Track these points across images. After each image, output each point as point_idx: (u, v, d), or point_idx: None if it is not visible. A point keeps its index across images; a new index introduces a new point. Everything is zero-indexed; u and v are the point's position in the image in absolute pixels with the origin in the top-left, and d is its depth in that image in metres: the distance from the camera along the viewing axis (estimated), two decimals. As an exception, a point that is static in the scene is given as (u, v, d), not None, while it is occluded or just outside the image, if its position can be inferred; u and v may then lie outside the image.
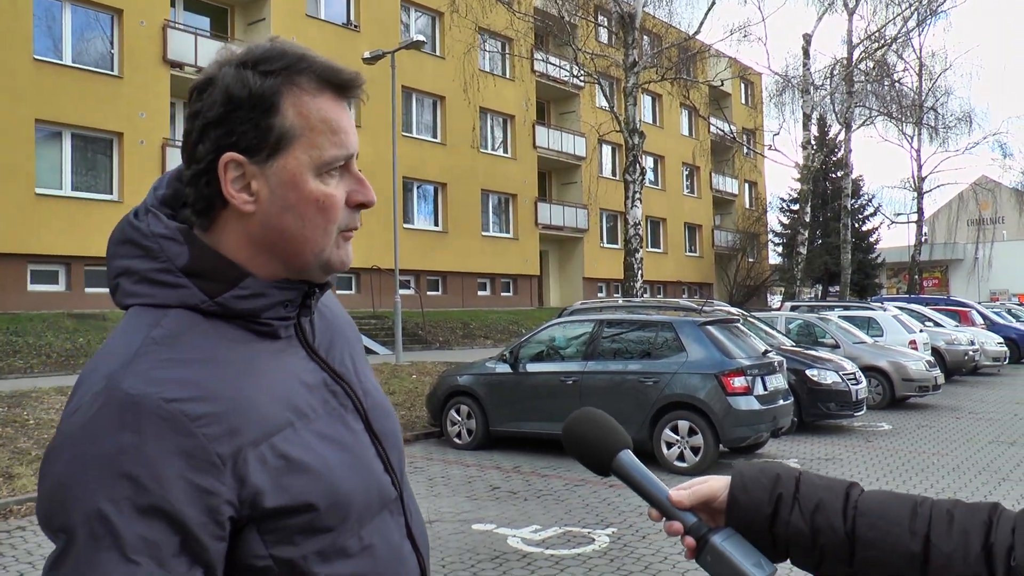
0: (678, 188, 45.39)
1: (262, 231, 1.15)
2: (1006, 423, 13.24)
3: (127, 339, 1.09)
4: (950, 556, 1.07)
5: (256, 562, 1.08)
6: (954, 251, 59.99)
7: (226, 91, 1.11)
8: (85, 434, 1.02)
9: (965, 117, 37.90)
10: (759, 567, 1.13)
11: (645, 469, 1.23)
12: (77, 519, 0.99)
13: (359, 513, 1.16)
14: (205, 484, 1.02)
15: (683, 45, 24.21)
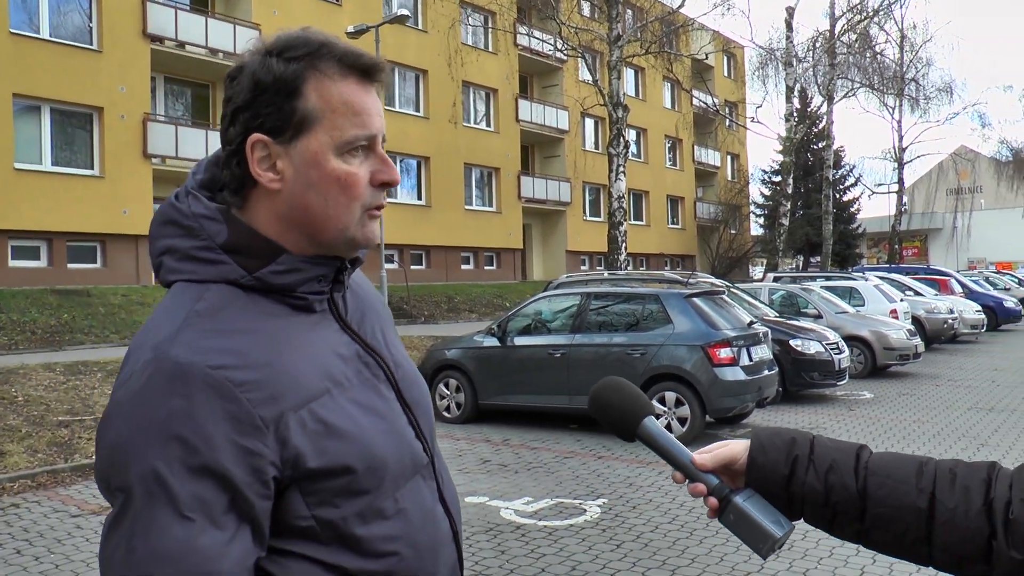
0: (660, 161, 45.46)
1: (288, 208, 1.21)
2: (984, 390, 13.47)
3: (173, 312, 1.16)
4: (954, 511, 1.15)
5: (300, 522, 1.15)
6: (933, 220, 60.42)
7: (253, 77, 1.19)
8: (138, 400, 1.09)
9: (946, 88, 38.21)
10: (778, 524, 1.21)
11: (669, 434, 1.31)
12: (134, 479, 1.06)
13: (394, 477, 1.22)
14: (250, 446, 1.09)
15: (667, 19, 24.19)
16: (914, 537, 1.18)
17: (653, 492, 7.44)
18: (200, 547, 1.05)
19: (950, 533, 1.15)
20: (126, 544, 1.06)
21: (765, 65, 32.33)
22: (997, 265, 51.62)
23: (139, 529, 1.05)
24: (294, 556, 1.15)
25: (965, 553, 1.15)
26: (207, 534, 1.06)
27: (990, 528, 1.13)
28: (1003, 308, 26.88)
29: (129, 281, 22.39)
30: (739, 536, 1.24)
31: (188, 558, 1.04)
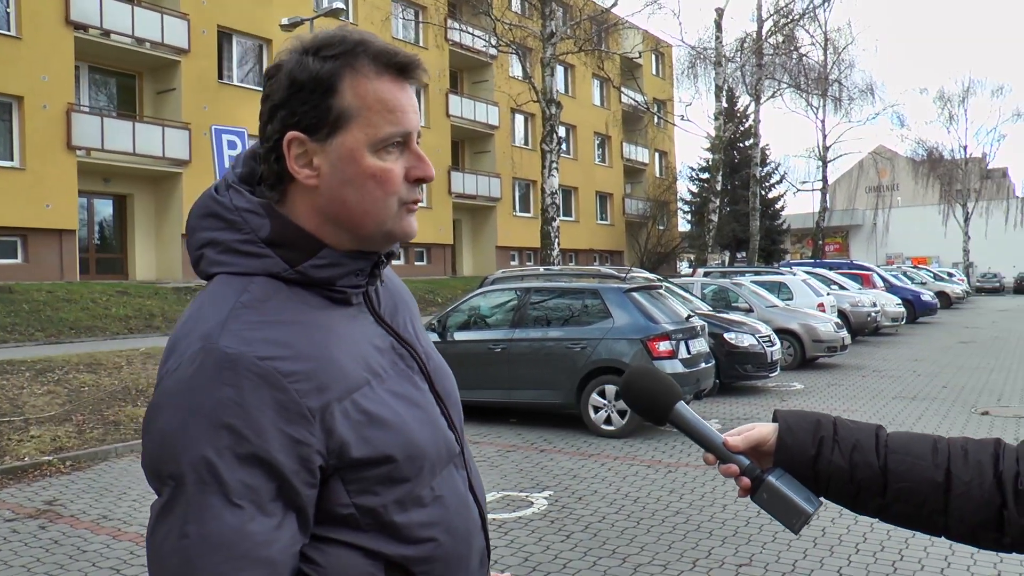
0: (590, 157, 45.89)
1: (327, 203, 1.23)
2: (907, 380, 13.96)
3: (218, 304, 1.17)
4: (969, 484, 1.23)
5: (341, 510, 1.16)
6: (854, 217, 62.26)
7: (289, 75, 1.20)
8: (187, 390, 1.09)
9: (867, 89, 39.36)
10: (809, 501, 1.28)
11: (700, 418, 1.36)
12: (185, 467, 1.07)
13: (431, 465, 1.25)
14: (298, 435, 1.10)
15: (599, 17, 24.41)
16: (932, 509, 1.25)
17: (598, 483, 7.54)
18: (250, 533, 1.07)
19: (965, 504, 1.23)
20: (178, 530, 1.07)
21: (694, 65, 32.85)
22: (913, 260, 53.36)
23: (191, 516, 1.06)
24: (335, 543, 1.17)
25: (979, 522, 1.23)
26: (256, 521, 1.07)
27: (1001, 499, 1.22)
28: (921, 301, 27.92)
29: (53, 277, 21.73)
30: (772, 513, 1.30)
31: (239, 544, 1.06)
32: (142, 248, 25.68)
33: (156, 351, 13.03)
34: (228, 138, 10.91)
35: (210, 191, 1.27)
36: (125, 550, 5.74)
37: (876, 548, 5.65)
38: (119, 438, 8.99)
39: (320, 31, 1.25)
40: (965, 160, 54.32)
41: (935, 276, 38.83)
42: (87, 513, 6.65)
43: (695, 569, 5.33)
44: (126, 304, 18.98)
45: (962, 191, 54.05)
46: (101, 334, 16.78)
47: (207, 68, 26.07)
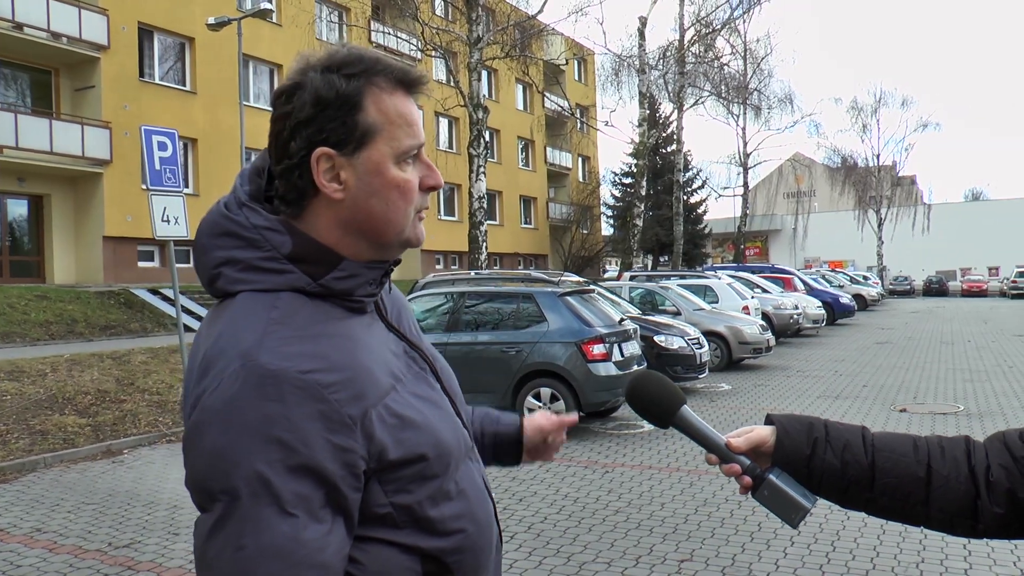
0: (514, 162, 46.13)
1: (351, 215, 1.28)
2: (829, 380, 14.43)
3: (249, 322, 1.21)
4: (947, 477, 1.36)
5: (379, 510, 1.22)
6: (773, 222, 63.78)
7: (316, 93, 1.25)
8: (233, 407, 1.14)
9: (785, 99, 40.41)
10: (806, 497, 1.39)
11: (703, 421, 1.46)
12: (238, 482, 1.11)
13: (455, 461, 1.32)
14: (342, 443, 1.16)
15: (524, 24, 24.58)
16: (915, 501, 1.38)
17: (536, 484, 7.64)
18: (305, 540, 1.12)
19: (945, 496, 1.36)
20: (235, 543, 1.11)
21: (618, 72, 33.30)
22: (830, 264, 55.06)
23: (248, 528, 1.11)
24: (374, 541, 1.23)
25: (956, 511, 1.36)
26: (309, 528, 1.13)
27: (975, 490, 1.35)
28: (839, 304, 28.84)
29: (-37, 281, 20.94)
30: (772, 509, 1.40)
31: (296, 552, 1.11)
32: (61, 251, 24.88)
33: (82, 358, 12.69)
34: (158, 139, 10.68)
35: (220, 209, 1.30)
36: (64, 563, 5.60)
37: (810, 540, 5.86)
38: (47, 448, 8.75)
39: (331, 50, 1.29)
40: (878, 168, 56.20)
41: (851, 279, 40.12)
42: (18, 527, 6.46)
43: (638, 565, 5.46)
44: (46, 309, 18.39)
45: (875, 197, 55.89)
46: (20, 340, 16.24)
47: (128, 66, 25.42)
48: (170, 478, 7.94)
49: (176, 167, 10.85)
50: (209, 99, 27.68)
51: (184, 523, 6.47)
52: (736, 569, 5.37)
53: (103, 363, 12.44)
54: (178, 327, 11.23)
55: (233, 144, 26.34)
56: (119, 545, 5.98)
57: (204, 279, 1.31)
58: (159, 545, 5.96)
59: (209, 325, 1.27)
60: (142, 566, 5.54)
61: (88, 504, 7.09)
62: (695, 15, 33.18)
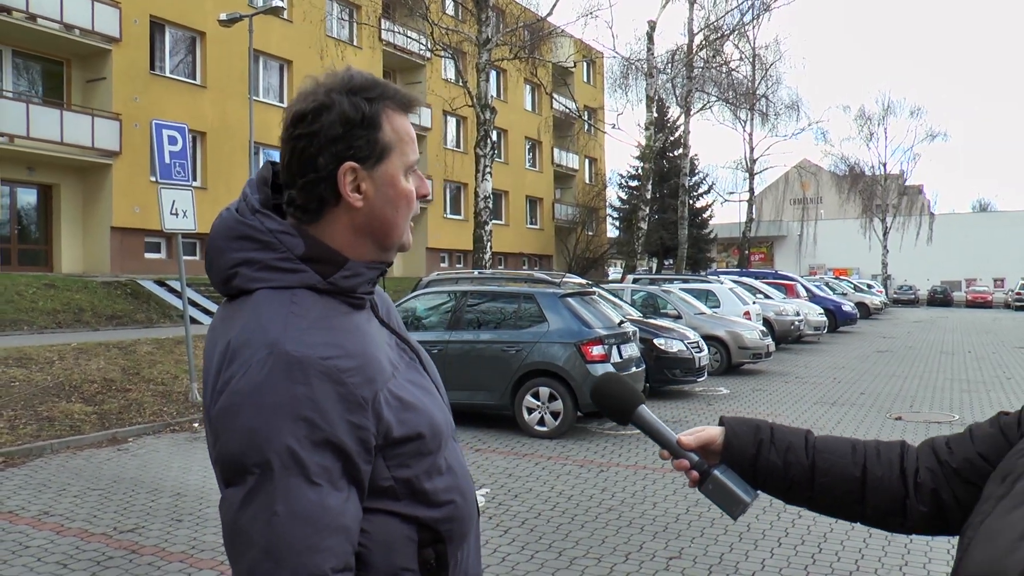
0: (520, 162, 46.22)
1: (366, 221, 1.45)
2: (828, 386, 14.55)
3: (272, 314, 1.36)
4: (880, 478, 1.49)
5: (383, 483, 1.38)
6: (778, 228, 63.88)
7: (344, 114, 1.41)
8: (263, 390, 1.29)
9: (793, 105, 40.53)
10: (747, 492, 1.52)
11: (658, 419, 1.60)
12: (271, 455, 1.27)
13: (444, 440, 1.49)
14: (358, 421, 1.32)
15: (534, 26, 24.70)
16: (851, 499, 1.51)
17: (532, 481, 7.78)
18: (328, 507, 1.28)
19: (878, 495, 1.49)
20: (268, 510, 1.27)
21: (626, 75, 33.41)
22: (835, 271, 55.09)
23: (279, 497, 1.26)
24: (378, 512, 1.38)
25: (888, 509, 1.49)
26: (332, 496, 1.29)
27: (905, 491, 1.48)
28: (842, 311, 28.92)
29: (-29, 267, 21.14)
30: (715, 502, 1.55)
31: (321, 517, 1.27)
32: (68, 240, 25.08)
33: (88, 347, 12.86)
34: (168, 133, 10.84)
35: (233, 215, 1.45)
36: (70, 545, 5.77)
37: (797, 542, 6.00)
38: (54, 434, 8.92)
39: (347, 74, 1.45)
40: (884, 176, 56.25)
41: (855, 287, 40.19)
42: (26, 509, 6.63)
43: (628, 562, 5.60)
44: (54, 298, 18.58)
45: (881, 206, 55.95)
46: (28, 328, 16.43)
47: (139, 58, 25.60)
48: (173, 466, 8.10)
49: (186, 161, 11.01)
50: (219, 93, 27.86)
51: (186, 510, 6.64)
52: (723, 567, 5.51)
53: (109, 352, 12.61)
54: (184, 319, 11.39)
55: (242, 138, 26.51)
56: (124, 530, 6.15)
57: (219, 278, 1.45)
58: (162, 531, 6.12)
59: (227, 319, 1.42)
60: (146, 550, 5.71)
61: (94, 489, 7.26)
62: (704, 20, 33.29)
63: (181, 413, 10.34)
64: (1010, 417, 1.41)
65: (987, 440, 1.42)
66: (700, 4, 33.22)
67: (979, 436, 1.44)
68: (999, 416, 1.44)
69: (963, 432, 1.48)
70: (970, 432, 1.46)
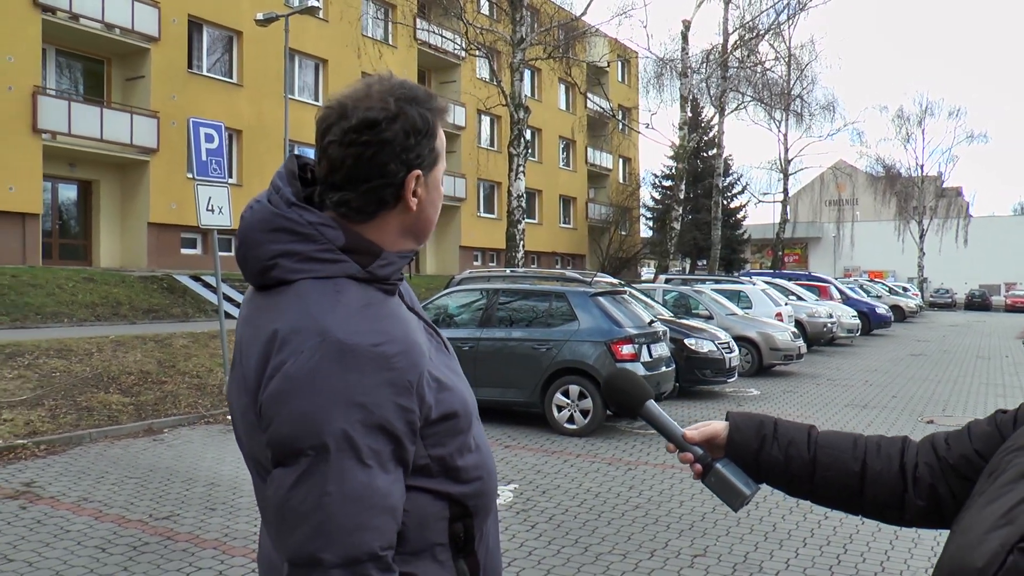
0: (554, 161, 46.24)
1: (415, 221, 1.55)
2: (859, 389, 14.46)
3: (320, 303, 1.42)
4: (880, 472, 1.54)
5: (420, 461, 1.45)
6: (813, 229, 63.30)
7: (415, 125, 1.49)
8: (316, 376, 1.36)
9: (828, 106, 40.23)
10: (748, 485, 1.59)
11: (665, 414, 1.67)
12: (328, 438, 1.34)
13: (472, 419, 1.57)
14: (406, 404, 1.39)
15: (568, 25, 24.73)
16: (851, 493, 1.56)
17: (560, 478, 7.84)
18: (377, 487, 1.36)
19: (876, 489, 1.54)
20: (319, 490, 1.34)
21: (660, 74, 33.32)
22: (870, 274, 54.49)
23: (332, 477, 1.33)
24: (414, 489, 1.45)
25: (886, 503, 1.54)
26: (380, 477, 1.36)
27: (903, 485, 1.52)
28: (876, 314, 28.64)
29: (14, 260, 21.55)
30: (718, 494, 1.61)
31: (370, 497, 1.35)
32: (107, 235, 25.52)
33: (126, 339, 13.10)
34: (205, 131, 11.02)
35: (267, 207, 1.50)
36: (108, 531, 5.93)
37: (823, 542, 6.01)
38: (93, 424, 9.13)
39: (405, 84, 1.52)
40: (921, 178, 55.59)
41: (890, 290, 39.78)
42: (66, 495, 6.81)
43: (653, 558, 5.65)
44: (92, 291, 18.92)
45: (918, 208, 55.29)
46: (68, 320, 16.76)
47: (177, 57, 25.98)
48: (207, 457, 8.26)
49: (222, 158, 11.18)
50: (255, 92, 28.17)
51: (219, 499, 6.77)
52: (748, 566, 5.54)
53: (146, 345, 12.84)
54: (219, 313, 11.57)
55: (277, 136, 26.80)
56: (159, 517, 6.30)
57: (254, 269, 1.50)
58: (196, 519, 6.26)
59: (265, 308, 1.47)
60: (180, 537, 5.85)
61: (130, 478, 7.43)
62: (739, 19, 33.12)
63: (215, 405, 10.51)
64: (1007, 415, 1.45)
65: (984, 437, 1.46)
66: (735, 3, 33.08)
67: (976, 433, 1.48)
68: (996, 413, 1.47)
69: (962, 428, 1.51)
70: (968, 429, 1.50)
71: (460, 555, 1.52)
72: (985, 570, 1.10)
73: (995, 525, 1.15)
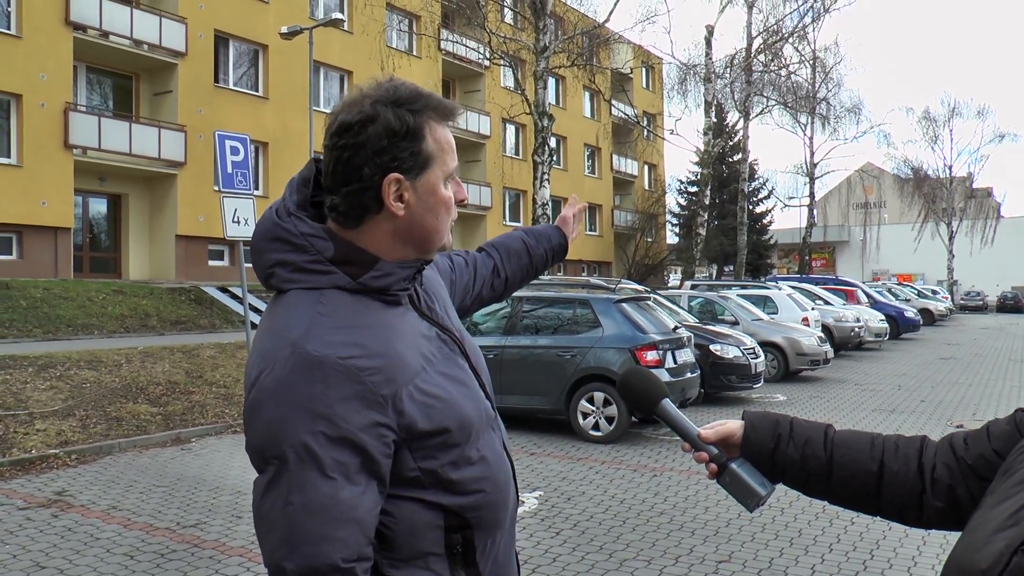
0: (580, 169, 46.21)
1: (407, 227, 1.51)
2: (887, 394, 14.32)
3: (299, 315, 1.44)
4: (897, 473, 1.52)
5: (409, 473, 1.45)
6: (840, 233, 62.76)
7: (388, 126, 1.46)
8: (284, 387, 1.37)
9: (854, 108, 39.82)
10: (763, 485, 1.56)
11: (681, 412, 1.67)
12: (287, 449, 1.36)
13: (476, 431, 1.54)
14: (376, 418, 1.39)
15: (592, 32, 24.75)
16: (868, 493, 1.54)
17: (585, 485, 7.83)
18: (341, 499, 1.36)
19: (894, 489, 1.52)
20: (283, 500, 1.36)
21: (684, 80, 33.24)
22: (898, 277, 54.03)
23: (294, 487, 1.35)
24: (405, 499, 1.46)
25: (904, 504, 1.52)
26: (346, 489, 1.36)
27: (921, 485, 1.50)
28: (904, 318, 28.32)
29: (47, 274, 21.89)
30: (732, 494, 1.60)
31: (333, 508, 1.35)
32: (136, 248, 25.86)
33: (154, 351, 13.26)
34: (231, 144, 11.17)
35: (272, 217, 1.52)
36: (136, 538, 6.01)
37: (849, 548, 5.97)
38: (122, 434, 9.26)
39: (389, 85, 1.52)
40: (950, 179, 55.00)
41: (919, 293, 39.35)
42: (96, 504, 6.91)
43: (677, 564, 5.63)
44: (122, 303, 19.16)
45: (947, 210, 54.70)
46: (98, 332, 16.98)
47: (203, 72, 26.29)
48: (234, 466, 8.34)
49: (247, 171, 11.31)
50: (280, 104, 28.43)
51: (246, 507, 6.84)
52: (773, 571, 5.51)
53: (174, 356, 12.98)
54: (245, 324, 11.69)
55: (302, 148, 27.02)
56: (186, 525, 6.37)
57: (260, 277, 1.54)
58: (223, 527, 6.33)
59: (266, 316, 1.51)
60: (207, 544, 5.92)
61: (159, 487, 7.52)
62: (763, 23, 32.99)
63: (242, 415, 10.59)
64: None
65: (1003, 437, 1.43)
66: (759, 7, 32.94)
67: (996, 433, 1.45)
68: (1016, 412, 1.43)
69: (981, 428, 1.48)
70: (987, 429, 1.47)
71: (460, 566, 1.51)
72: (989, 571, 1.09)
73: (1002, 525, 1.14)
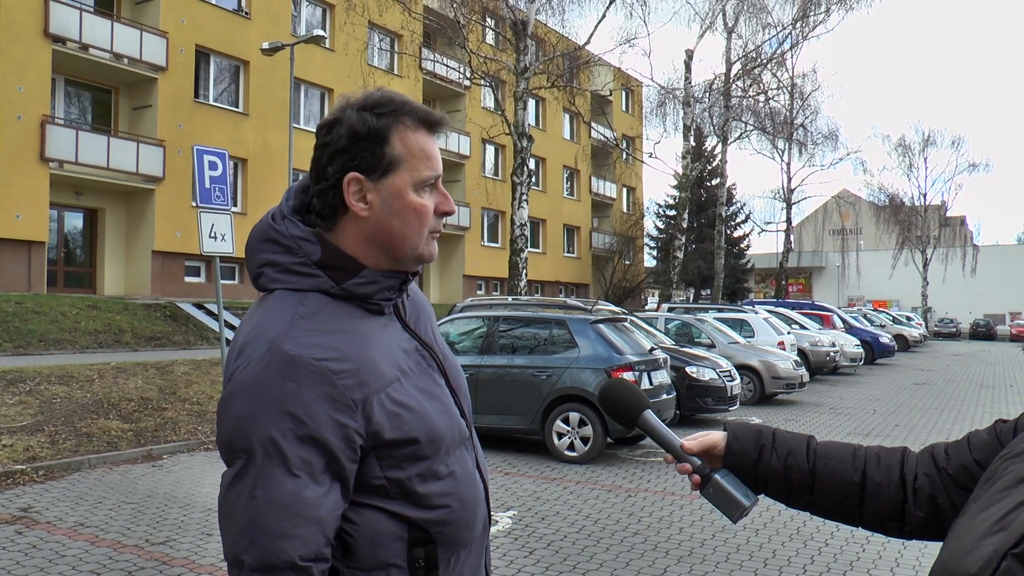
0: (559, 190, 46.36)
1: (373, 231, 1.52)
2: (862, 418, 14.40)
3: (280, 314, 1.45)
4: (879, 483, 1.52)
5: (375, 481, 1.45)
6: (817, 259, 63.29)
7: (351, 128, 1.49)
8: (257, 383, 1.38)
9: (831, 135, 40.32)
10: (747, 496, 1.56)
11: (663, 424, 1.66)
12: (255, 444, 1.36)
13: (447, 447, 1.54)
14: (344, 420, 1.39)
15: (572, 54, 24.90)
16: (850, 504, 1.54)
17: (559, 505, 7.81)
18: (304, 497, 1.35)
19: (876, 499, 1.52)
20: (248, 493, 1.36)
21: (663, 103, 33.51)
22: (874, 303, 54.43)
23: (259, 482, 1.35)
24: (369, 507, 1.45)
25: (886, 514, 1.52)
26: (310, 488, 1.36)
27: (903, 495, 1.50)
28: (879, 343, 28.56)
29: (20, 288, 21.62)
30: (716, 506, 1.59)
31: (295, 505, 1.35)
32: (111, 263, 25.61)
33: (127, 366, 13.11)
34: (209, 158, 11.12)
35: (268, 219, 1.55)
36: (104, 555, 5.92)
37: (823, 569, 5.97)
38: (92, 450, 9.13)
39: (369, 92, 1.54)
40: (924, 207, 55.64)
41: (894, 319, 39.71)
42: (63, 520, 6.80)
43: (651, 586, 5.61)
44: (96, 318, 18.97)
45: (922, 237, 55.31)
46: (70, 347, 16.79)
47: (184, 86, 26.19)
48: (206, 483, 8.24)
49: (225, 186, 11.26)
50: (260, 120, 28.37)
51: (217, 525, 6.73)
52: (746, 592, 5.51)
53: (147, 372, 12.85)
54: (220, 341, 11.60)
55: (282, 165, 26.97)
56: (156, 542, 6.28)
57: (251, 275, 1.56)
58: (193, 544, 6.25)
59: (250, 315, 1.52)
60: (176, 562, 5.83)
61: (128, 503, 7.42)
62: (742, 49, 33.35)
63: (215, 432, 10.48)
64: (1007, 424, 1.43)
65: (983, 447, 1.44)
66: (738, 33, 33.31)
67: (976, 443, 1.46)
68: (997, 423, 1.45)
69: (962, 439, 1.49)
70: (968, 439, 1.48)
71: None
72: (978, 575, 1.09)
73: (989, 531, 1.13)
